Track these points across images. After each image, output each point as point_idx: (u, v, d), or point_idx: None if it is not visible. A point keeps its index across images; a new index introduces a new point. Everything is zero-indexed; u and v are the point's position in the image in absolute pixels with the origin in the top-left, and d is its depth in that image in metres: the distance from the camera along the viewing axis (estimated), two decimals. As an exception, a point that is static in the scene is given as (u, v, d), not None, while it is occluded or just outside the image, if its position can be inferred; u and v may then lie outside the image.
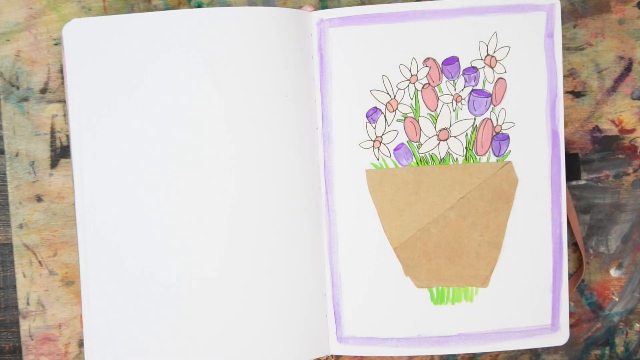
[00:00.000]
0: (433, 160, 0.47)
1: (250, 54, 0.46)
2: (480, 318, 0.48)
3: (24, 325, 0.49)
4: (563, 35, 0.47)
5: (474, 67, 0.47)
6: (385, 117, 0.47)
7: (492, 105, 0.47)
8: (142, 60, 0.46)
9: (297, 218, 0.47)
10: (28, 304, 0.49)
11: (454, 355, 0.50)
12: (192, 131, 0.46)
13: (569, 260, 0.50)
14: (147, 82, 0.46)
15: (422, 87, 0.47)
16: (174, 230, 0.47)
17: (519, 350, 0.49)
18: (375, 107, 0.47)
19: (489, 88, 0.47)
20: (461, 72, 0.47)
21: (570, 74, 0.49)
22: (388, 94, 0.47)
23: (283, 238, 0.47)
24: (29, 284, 0.49)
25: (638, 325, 0.51)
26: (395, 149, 0.47)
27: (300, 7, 0.47)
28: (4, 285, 0.50)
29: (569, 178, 0.48)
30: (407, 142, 0.47)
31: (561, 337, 0.48)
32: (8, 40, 0.48)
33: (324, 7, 0.49)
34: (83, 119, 0.47)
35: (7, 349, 0.50)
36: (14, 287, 0.50)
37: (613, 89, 0.48)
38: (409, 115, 0.47)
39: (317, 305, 0.48)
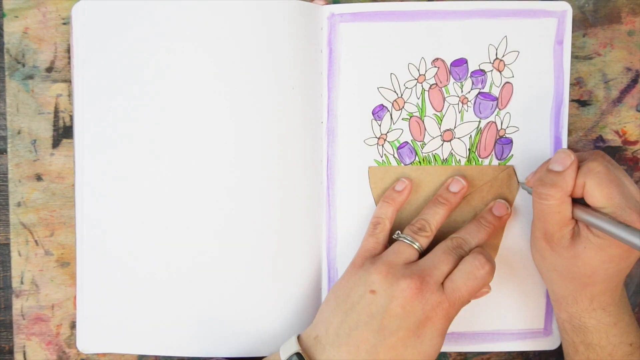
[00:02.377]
0: (436, 160, 0.48)
1: (260, 45, 0.46)
2: (474, 318, 0.48)
3: (17, 304, 0.49)
4: (572, 44, 0.47)
5: (482, 70, 0.47)
6: (391, 115, 0.47)
7: (497, 109, 0.47)
8: (149, 46, 0.46)
9: (297, 212, 0.47)
10: (22, 282, 0.49)
11: (445, 354, 0.50)
12: (196, 118, 0.46)
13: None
14: (154, 67, 0.46)
15: (430, 87, 0.47)
16: (173, 218, 0.47)
17: (510, 353, 0.50)
18: (382, 105, 0.47)
19: (495, 91, 0.47)
20: (469, 74, 0.47)
21: (577, 82, 0.49)
22: (395, 92, 0.47)
23: (281, 231, 0.47)
24: (24, 263, 0.49)
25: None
26: (399, 147, 0.48)
27: (312, 0, 0.47)
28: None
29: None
30: (412, 140, 0.48)
31: (553, 341, 0.49)
32: (16, 16, 0.48)
33: (336, 1, 0.49)
34: (87, 100, 0.46)
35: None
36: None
37: (619, 99, 0.49)
38: (414, 114, 0.47)
39: (314, 300, 0.48)
